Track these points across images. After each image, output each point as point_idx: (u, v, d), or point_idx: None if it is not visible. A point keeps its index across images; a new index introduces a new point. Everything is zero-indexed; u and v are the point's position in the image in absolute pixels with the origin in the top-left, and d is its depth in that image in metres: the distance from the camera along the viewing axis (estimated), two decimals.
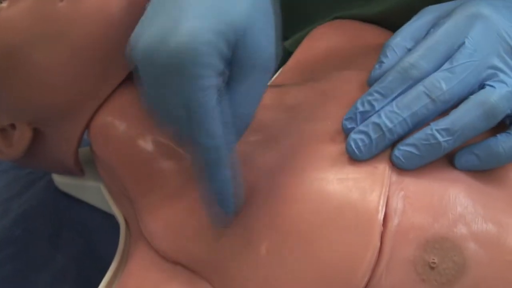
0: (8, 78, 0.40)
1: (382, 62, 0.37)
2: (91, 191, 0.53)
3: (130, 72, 0.42)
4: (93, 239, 0.53)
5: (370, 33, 0.51)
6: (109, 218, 0.52)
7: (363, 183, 0.33)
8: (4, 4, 0.40)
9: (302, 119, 0.40)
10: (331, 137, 0.37)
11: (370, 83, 0.37)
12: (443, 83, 0.33)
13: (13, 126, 0.43)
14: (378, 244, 0.32)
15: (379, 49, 0.40)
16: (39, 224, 0.53)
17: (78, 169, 0.47)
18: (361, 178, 0.34)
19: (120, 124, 0.41)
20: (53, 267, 0.50)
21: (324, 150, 0.36)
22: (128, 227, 0.46)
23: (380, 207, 0.32)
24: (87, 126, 0.42)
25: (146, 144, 0.40)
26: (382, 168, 0.34)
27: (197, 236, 0.37)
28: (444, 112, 0.34)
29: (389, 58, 0.37)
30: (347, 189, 0.34)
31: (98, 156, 0.44)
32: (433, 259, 0.31)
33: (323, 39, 0.52)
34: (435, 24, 0.37)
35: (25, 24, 0.39)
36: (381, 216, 0.32)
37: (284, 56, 0.55)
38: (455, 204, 0.33)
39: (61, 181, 0.55)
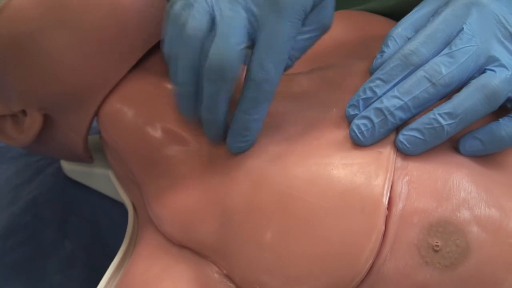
0: (19, 65, 0.41)
1: (383, 51, 0.38)
2: (100, 178, 0.53)
3: (139, 59, 0.43)
4: (101, 226, 0.54)
5: (375, 24, 0.52)
6: (117, 205, 0.53)
7: (368, 168, 0.34)
8: None
9: (308, 107, 0.40)
10: (336, 123, 0.37)
11: (372, 72, 0.38)
12: (442, 67, 0.34)
13: (24, 112, 0.44)
14: (383, 228, 0.32)
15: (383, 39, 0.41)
16: (48, 210, 0.54)
17: (87, 156, 0.47)
18: (366, 163, 0.34)
19: (129, 111, 0.42)
20: (62, 253, 0.51)
21: (330, 136, 0.37)
22: (136, 213, 0.47)
23: (385, 192, 0.33)
24: (97, 113, 0.43)
25: (155, 131, 0.41)
26: (387, 153, 0.34)
27: (204, 222, 0.38)
28: (446, 97, 0.35)
29: (390, 47, 0.38)
30: (352, 174, 0.34)
31: (107, 143, 0.45)
32: (437, 242, 0.32)
33: (332, 28, 0.53)
34: (434, 13, 0.38)
35: (36, 12, 0.40)
36: (385, 200, 0.33)
37: None
38: (459, 189, 0.33)
39: (70, 168, 0.56)
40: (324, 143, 0.36)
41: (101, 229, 0.53)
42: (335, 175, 0.34)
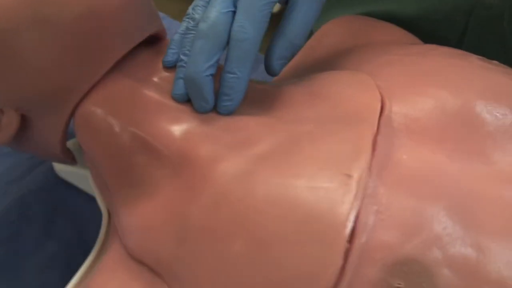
0: None
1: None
2: (89, 179, 0.52)
3: (118, 62, 0.41)
4: (87, 229, 0.52)
5: (377, 30, 0.48)
6: None
7: (334, 194, 0.31)
8: None
9: (282, 121, 0.37)
10: (309, 140, 0.35)
11: None
12: None
13: (1, 111, 0.43)
14: (341, 262, 0.29)
15: (382, 46, 0.38)
16: (34, 209, 0.53)
17: (67, 158, 0.46)
18: (334, 188, 0.31)
19: (102, 114, 0.40)
20: (43, 254, 0.50)
21: (300, 154, 0.34)
22: (110, 221, 0.45)
23: (348, 222, 0.30)
24: (73, 115, 0.41)
25: (126, 137, 0.39)
26: (357, 178, 0.31)
27: (162, 237, 0.35)
28: None
29: None
30: (316, 198, 0.31)
31: (82, 146, 0.43)
32: (399, 284, 0.28)
33: (330, 36, 0.50)
34: None
35: (11, 9, 0.38)
36: (348, 231, 0.30)
37: None
38: (432, 223, 0.30)
39: (61, 168, 0.55)
40: (294, 161, 0.34)
41: (86, 232, 0.52)
42: (298, 199, 0.31)
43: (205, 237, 0.33)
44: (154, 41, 0.44)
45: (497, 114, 0.35)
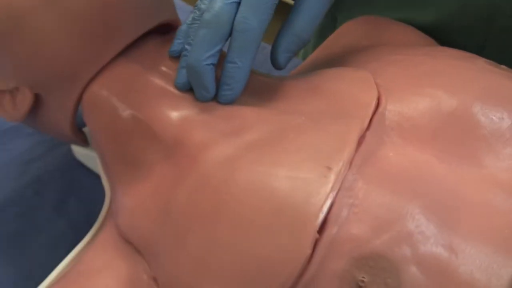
0: (9, 42, 0.42)
1: None
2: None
3: (125, 47, 0.42)
4: (98, 210, 0.54)
5: (394, 31, 0.48)
6: None
7: (312, 185, 0.31)
8: None
9: (279, 112, 0.38)
10: (297, 131, 0.35)
11: None
12: None
13: (18, 89, 0.45)
14: (309, 251, 0.29)
15: (393, 46, 0.37)
16: (49, 188, 0.55)
17: (78, 139, 0.48)
18: (311, 179, 0.31)
19: (106, 96, 0.41)
20: (53, 232, 0.52)
21: (287, 144, 0.34)
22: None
23: (321, 213, 0.30)
24: (81, 97, 0.43)
25: (126, 119, 0.40)
26: (336, 170, 0.31)
27: (150, 217, 0.36)
28: None
29: None
30: (293, 188, 0.31)
31: (88, 128, 0.45)
32: (363, 277, 0.28)
33: (346, 35, 0.50)
34: None
35: None
36: (319, 222, 0.29)
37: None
38: (406, 220, 0.29)
39: (78, 150, 0.57)
40: (279, 151, 0.34)
41: (96, 214, 0.54)
42: (276, 187, 0.31)
43: (186, 220, 0.33)
44: (167, 29, 0.45)
45: (493, 117, 0.34)
